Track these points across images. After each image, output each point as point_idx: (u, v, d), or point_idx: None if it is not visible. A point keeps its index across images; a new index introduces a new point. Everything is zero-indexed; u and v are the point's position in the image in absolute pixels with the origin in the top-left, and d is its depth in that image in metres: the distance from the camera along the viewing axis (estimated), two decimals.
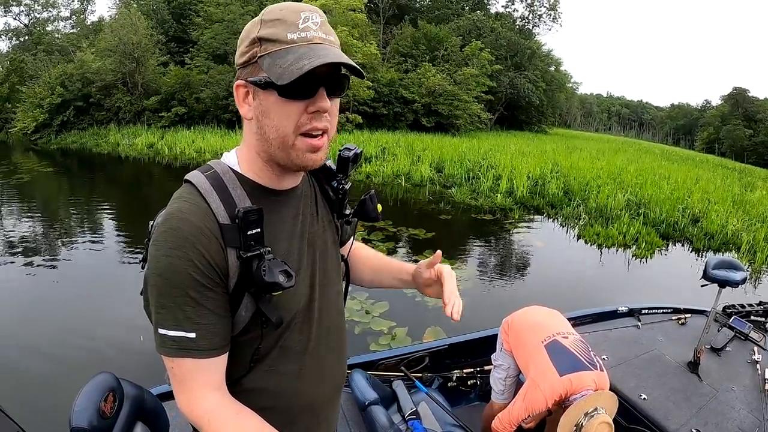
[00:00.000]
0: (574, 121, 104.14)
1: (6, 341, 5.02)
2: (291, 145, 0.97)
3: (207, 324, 0.96)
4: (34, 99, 27.02)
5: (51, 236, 9.07)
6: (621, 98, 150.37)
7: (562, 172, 16.96)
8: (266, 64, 0.92)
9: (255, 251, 0.97)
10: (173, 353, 0.95)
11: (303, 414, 1.20)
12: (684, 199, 14.23)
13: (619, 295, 7.37)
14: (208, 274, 0.94)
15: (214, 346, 0.98)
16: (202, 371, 0.98)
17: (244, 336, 1.04)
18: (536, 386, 2.47)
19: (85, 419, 1.32)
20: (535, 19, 49.64)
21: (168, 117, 26.62)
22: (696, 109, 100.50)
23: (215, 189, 1.00)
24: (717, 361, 3.62)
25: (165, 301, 0.94)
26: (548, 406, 2.41)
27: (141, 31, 27.57)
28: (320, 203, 1.25)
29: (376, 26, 38.79)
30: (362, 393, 2.67)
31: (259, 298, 1.00)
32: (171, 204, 0.99)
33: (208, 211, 0.97)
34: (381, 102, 30.06)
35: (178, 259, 0.92)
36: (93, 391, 1.40)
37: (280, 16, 0.93)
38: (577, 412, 2.25)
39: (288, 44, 0.91)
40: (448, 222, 11.35)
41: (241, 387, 1.09)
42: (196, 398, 0.98)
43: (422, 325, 5.68)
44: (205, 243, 0.94)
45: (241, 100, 1.01)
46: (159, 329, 0.95)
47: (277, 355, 1.10)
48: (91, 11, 44.08)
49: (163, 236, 0.93)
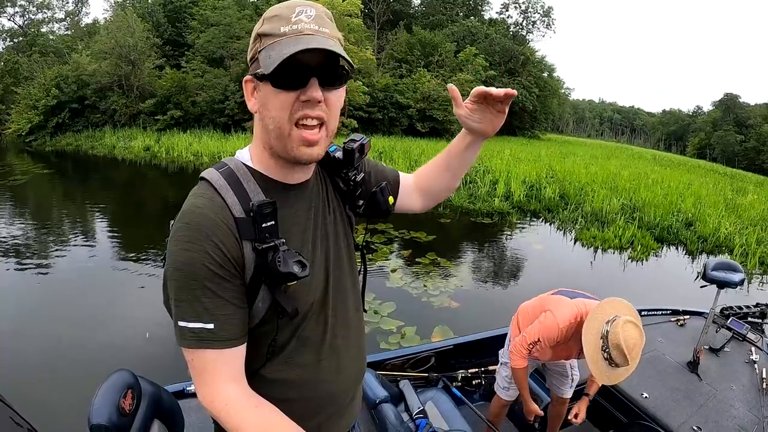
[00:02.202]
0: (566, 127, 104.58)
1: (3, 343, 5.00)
2: (287, 135, 1.00)
3: (225, 315, 0.98)
4: (29, 100, 26.81)
5: (45, 238, 9.01)
6: (613, 104, 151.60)
7: (557, 177, 17.11)
8: (262, 57, 0.97)
9: (270, 243, 1.00)
10: (193, 345, 0.97)
11: (324, 405, 1.22)
12: (677, 203, 14.44)
13: (617, 295, 7.43)
14: (225, 265, 0.97)
15: (232, 336, 1.00)
16: (221, 362, 1.00)
17: (261, 327, 1.07)
18: (550, 311, 2.54)
19: (105, 416, 1.33)
20: (529, 26, 50.15)
21: (164, 120, 26.57)
22: (687, 114, 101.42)
23: (230, 184, 1.03)
24: (716, 361, 3.71)
25: (184, 294, 0.96)
26: (560, 329, 2.44)
27: (137, 33, 27.53)
28: (332, 196, 1.26)
29: (371, 31, 38.87)
30: (373, 391, 2.68)
31: (275, 289, 1.03)
32: (187, 201, 1.02)
33: (223, 206, 1.00)
34: (376, 107, 30.16)
35: (195, 253, 0.94)
36: (112, 388, 1.42)
37: (277, 12, 0.97)
38: (598, 323, 2.28)
39: (280, 36, 0.95)
40: (448, 225, 11.45)
41: (260, 378, 1.11)
42: (216, 390, 1.00)
43: (430, 325, 5.77)
44: (221, 236, 0.96)
45: (249, 94, 1.05)
46: (179, 322, 0.97)
47: (295, 347, 1.13)
48: (85, 13, 43.92)
49: (180, 231, 0.96)
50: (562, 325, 2.44)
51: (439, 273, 7.78)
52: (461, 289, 7.20)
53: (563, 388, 2.99)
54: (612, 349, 2.16)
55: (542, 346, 2.54)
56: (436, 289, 6.99)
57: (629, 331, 2.17)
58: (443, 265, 8.19)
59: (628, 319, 2.22)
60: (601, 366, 2.22)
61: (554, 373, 3.04)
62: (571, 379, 2.98)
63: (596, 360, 2.22)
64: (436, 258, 8.41)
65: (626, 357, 2.14)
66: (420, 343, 5.19)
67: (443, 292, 6.90)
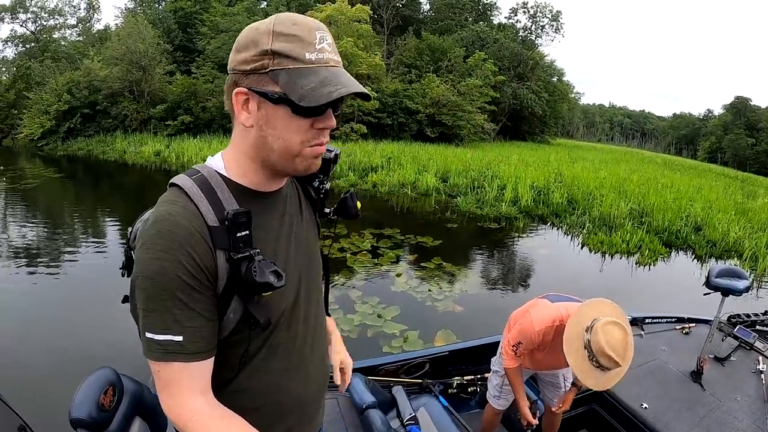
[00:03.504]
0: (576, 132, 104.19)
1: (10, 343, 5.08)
2: (297, 153, 1.01)
3: (194, 327, 0.96)
4: (41, 105, 27.07)
5: (56, 241, 9.12)
6: (623, 108, 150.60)
7: (565, 181, 17.05)
8: (283, 80, 0.93)
9: (244, 253, 0.99)
10: (161, 357, 0.95)
11: (290, 412, 1.22)
12: (687, 207, 14.32)
13: (623, 301, 7.40)
14: (198, 276, 0.95)
15: (201, 349, 0.98)
16: (188, 375, 0.98)
17: (233, 338, 1.05)
18: (528, 314, 2.51)
19: (84, 411, 1.37)
20: (538, 30, 49.85)
21: (174, 125, 26.68)
22: (698, 118, 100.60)
23: (203, 192, 1.01)
24: (721, 370, 3.60)
25: (153, 304, 0.94)
26: (536, 332, 2.39)
27: (148, 39, 27.72)
28: (303, 203, 1.28)
29: (380, 37, 38.87)
30: (360, 397, 2.65)
31: (248, 299, 1.02)
32: (158, 207, 0.99)
33: (197, 214, 0.97)
34: (385, 112, 30.08)
35: (167, 262, 0.92)
36: (93, 385, 1.45)
37: (295, 32, 0.94)
38: (577, 332, 2.18)
39: (307, 64, 0.94)
40: (455, 230, 11.43)
41: (229, 389, 1.10)
42: (183, 403, 0.98)
43: (433, 328, 5.78)
44: (194, 245, 0.94)
45: (240, 107, 1.00)
46: (146, 333, 0.95)
47: (265, 355, 1.12)
48: (97, 20, 44.32)
49: (152, 239, 0.93)
50: (538, 328, 2.41)
51: (444, 277, 7.78)
52: (466, 293, 7.21)
53: (556, 400, 2.88)
54: (599, 356, 2.08)
55: (523, 349, 2.51)
56: (440, 294, 7.00)
57: (611, 333, 2.09)
58: (449, 269, 8.19)
59: (608, 320, 2.12)
60: (593, 374, 2.14)
61: (547, 384, 3.00)
62: (565, 390, 2.87)
63: (584, 369, 2.14)
64: (441, 263, 8.42)
65: (616, 360, 2.06)
66: (423, 347, 5.18)
67: (448, 297, 6.91)
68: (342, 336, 1.63)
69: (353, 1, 30.15)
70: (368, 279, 7.48)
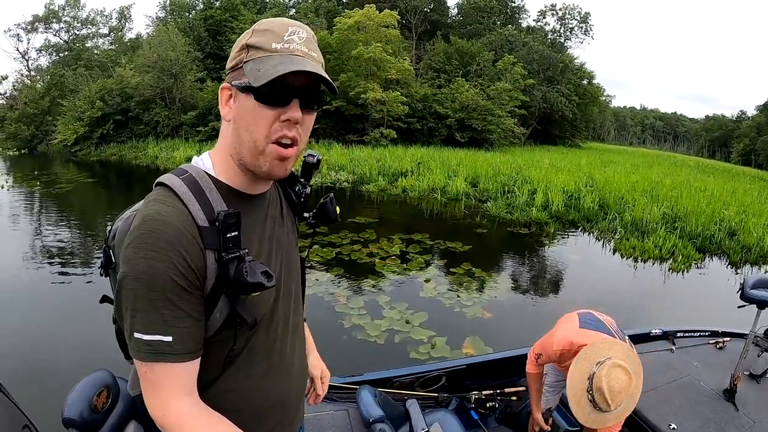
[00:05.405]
0: (607, 135, 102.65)
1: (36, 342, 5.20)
2: (261, 150, 1.01)
3: (183, 327, 0.96)
4: (75, 112, 27.93)
5: (89, 243, 9.34)
6: (655, 111, 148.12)
7: (596, 186, 16.74)
8: (248, 68, 0.97)
9: (234, 253, 1.00)
10: (149, 358, 0.95)
11: (271, 413, 1.22)
12: (720, 212, 13.90)
13: (656, 309, 7.27)
14: (188, 276, 0.95)
15: (189, 350, 0.98)
16: (175, 376, 0.98)
17: (217, 337, 1.05)
18: (555, 328, 2.47)
19: (76, 411, 1.37)
20: (567, 33, 49.35)
21: (205, 131, 27.09)
22: (731, 120, 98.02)
23: (192, 192, 1.01)
24: (756, 388, 3.43)
25: (141, 305, 0.93)
26: (554, 350, 2.36)
27: (178, 47, 28.30)
28: (285, 207, 1.30)
29: (408, 42, 38.96)
30: (367, 410, 2.60)
31: (235, 299, 1.02)
32: (147, 206, 0.99)
33: (186, 214, 0.98)
34: (415, 117, 30.12)
35: (158, 262, 0.91)
36: (87, 386, 1.45)
37: (269, 27, 0.99)
38: (588, 362, 2.14)
39: (270, 52, 0.96)
40: (484, 235, 11.33)
41: (212, 390, 1.10)
42: (169, 404, 0.98)
43: (461, 335, 5.69)
44: (186, 245, 0.94)
45: (224, 102, 1.05)
46: (134, 333, 0.94)
47: (246, 356, 1.12)
48: (128, 29, 45.31)
49: (142, 238, 0.93)
50: (556, 347, 2.37)
51: (473, 283, 7.68)
52: (495, 299, 7.10)
53: None
54: (595, 391, 2.04)
55: (543, 361, 2.52)
56: (469, 300, 6.90)
57: (615, 376, 2.04)
58: (478, 275, 8.09)
59: (618, 362, 2.07)
60: (585, 407, 2.09)
61: None
62: None
63: (579, 400, 2.10)
64: (470, 268, 8.31)
65: (608, 402, 2.01)
66: (450, 354, 5.10)
67: (476, 303, 6.81)
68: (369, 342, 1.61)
69: (381, 7, 30.25)
70: (396, 284, 7.42)
